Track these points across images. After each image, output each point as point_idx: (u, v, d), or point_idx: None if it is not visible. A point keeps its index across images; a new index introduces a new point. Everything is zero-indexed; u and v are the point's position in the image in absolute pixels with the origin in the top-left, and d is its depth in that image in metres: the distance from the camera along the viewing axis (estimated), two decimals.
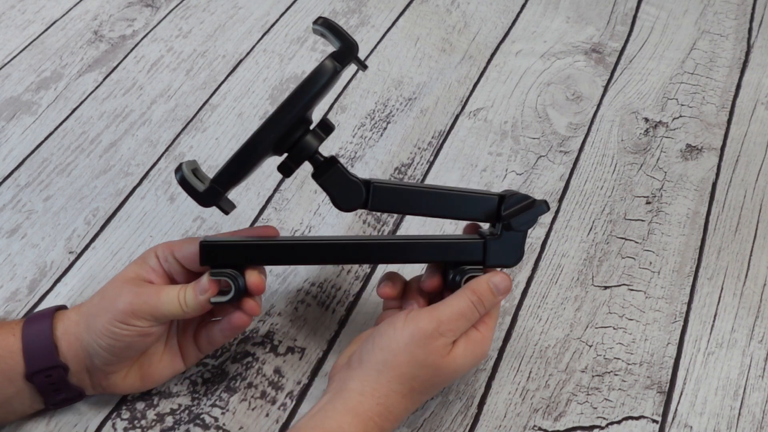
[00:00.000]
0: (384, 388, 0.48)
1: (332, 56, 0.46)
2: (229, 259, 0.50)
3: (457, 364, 0.49)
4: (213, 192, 0.47)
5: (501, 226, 0.51)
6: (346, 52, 0.46)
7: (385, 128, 0.76)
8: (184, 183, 0.47)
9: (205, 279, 0.50)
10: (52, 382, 0.50)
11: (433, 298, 0.54)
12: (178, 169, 0.48)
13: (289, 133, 0.48)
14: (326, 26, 0.47)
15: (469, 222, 0.57)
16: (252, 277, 0.50)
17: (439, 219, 0.64)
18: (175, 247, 0.52)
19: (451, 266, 0.52)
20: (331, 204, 0.69)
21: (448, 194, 0.52)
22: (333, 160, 0.50)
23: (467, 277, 0.51)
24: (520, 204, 0.51)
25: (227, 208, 0.50)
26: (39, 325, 0.50)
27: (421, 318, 0.48)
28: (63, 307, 0.53)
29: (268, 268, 0.64)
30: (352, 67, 0.49)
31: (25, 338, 0.49)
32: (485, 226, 0.55)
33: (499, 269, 0.52)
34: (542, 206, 0.51)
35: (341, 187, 0.50)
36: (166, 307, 0.49)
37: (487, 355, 0.54)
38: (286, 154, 0.50)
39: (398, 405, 0.48)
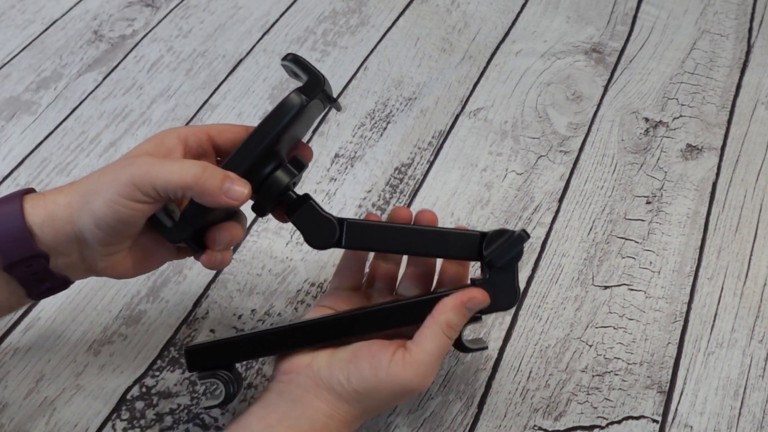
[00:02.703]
0: (351, 416, 0.47)
1: (299, 89, 0.45)
2: (217, 360, 0.50)
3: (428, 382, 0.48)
4: (181, 228, 0.46)
5: (487, 267, 0.50)
6: (312, 84, 0.45)
7: (385, 128, 0.75)
8: (152, 220, 0.46)
9: (246, 188, 0.44)
10: (34, 272, 0.45)
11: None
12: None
13: (256, 169, 0.46)
14: (294, 61, 0.47)
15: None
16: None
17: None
18: (214, 132, 0.48)
19: None
20: (332, 204, 0.69)
21: (427, 232, 0.50)
22: (306, 197, 0.49)
23: (464, 329, 0.49)
24: (501, 239, 0.49)
25: (197, 247, 0.48)
26: (6, 210, 0.44)
27: (405, 372, 0.45)
28: (31, 191, 0.47)
29: (267, 262, 0.64)
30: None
31: None
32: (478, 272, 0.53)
33: (469, 288, 0.49)
34: (521, 236, 0.48)
35: (314, 224, 0.49)
36: (166, 175, 0.43)
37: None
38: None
39: (359, 424, 0.49)
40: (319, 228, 0.49)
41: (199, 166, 0.43)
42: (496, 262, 0.48)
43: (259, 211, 0.49)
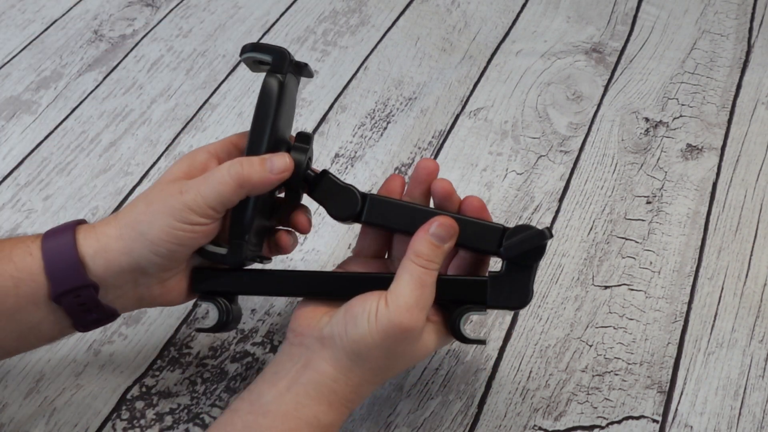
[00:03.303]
0: (357, 377, 0.47)
1: (270, 70, 0.46)
2: (219, 286, 0.50)
3: (428, 349, 0.48)
4: (236, 247, 0.47)
5: (504, 261, 0.49)
6: (279, 60, 0.46)
7: (386, 128, 0.75)
8: (207, 255, 0.48)
9: (285, 156, 0.46)
10: (82, 302, 0.46)
11: None
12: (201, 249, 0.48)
13: None
14: (252, 49, 0.47)
15: None
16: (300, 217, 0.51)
17: None
18: (236, 140, 0.49)
19: (452, 305, 0.49)
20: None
21: (452, 218, 0.49)
22: (324, 172, 0.50)
23: (464, 316, 0.48)
24: (522, 233, 0.47)
25: (263, 259, 0.50)
26: (59, 241, 0.45)
27: (392, 312, 0.45)
28: (82, 222, 0.48)
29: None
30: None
31: (46, 257, 0.45)
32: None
33: (440, 215, 0.48)
34: (543, 233, 0.46)
35: (335, 195, 0.50)
36: (215, 188, 0.45)
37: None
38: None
39: (368, 391, 0.49)
40: (340, 198, 0.50)
41: (234, 164, 0.45)
42: (508, 252, 0.47)
43: (292, 198, 0.51)
